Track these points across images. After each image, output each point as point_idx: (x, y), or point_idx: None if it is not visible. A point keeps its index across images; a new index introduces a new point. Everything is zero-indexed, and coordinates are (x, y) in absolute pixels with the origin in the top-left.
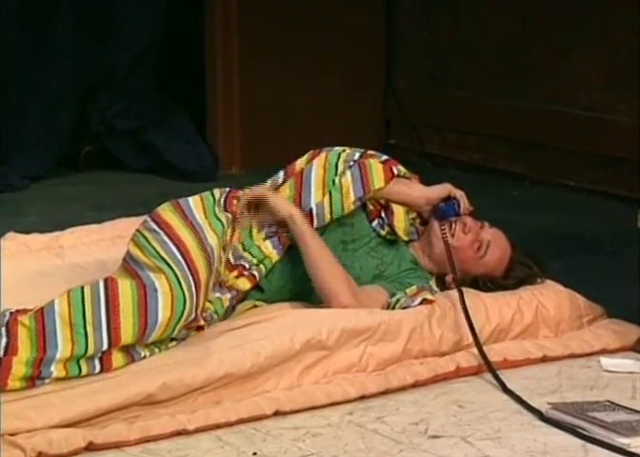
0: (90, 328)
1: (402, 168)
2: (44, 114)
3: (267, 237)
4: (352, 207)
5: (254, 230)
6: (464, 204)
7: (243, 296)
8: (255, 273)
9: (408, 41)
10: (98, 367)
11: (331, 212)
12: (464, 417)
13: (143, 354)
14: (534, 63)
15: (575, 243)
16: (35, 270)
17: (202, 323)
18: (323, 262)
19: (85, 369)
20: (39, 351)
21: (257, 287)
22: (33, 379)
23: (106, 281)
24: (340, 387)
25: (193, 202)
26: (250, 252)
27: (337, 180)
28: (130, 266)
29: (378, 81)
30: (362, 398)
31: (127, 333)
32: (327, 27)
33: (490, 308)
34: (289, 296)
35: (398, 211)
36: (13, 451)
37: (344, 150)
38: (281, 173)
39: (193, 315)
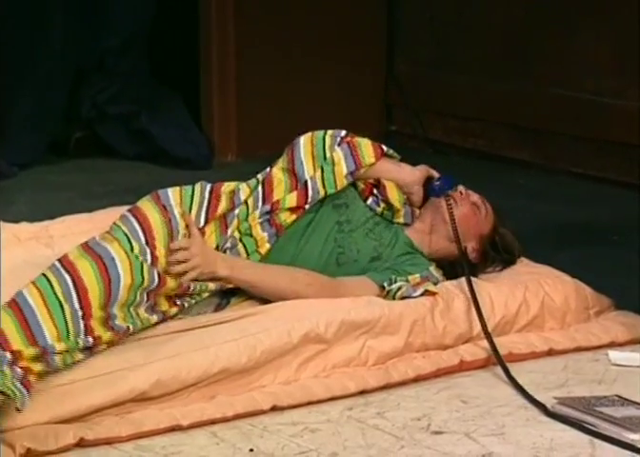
0: (66, 307)
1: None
2: (33, 100)
3: (262, 227)
4: (345, 181)
5: (251, 217)
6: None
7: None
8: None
9: (409, 24)
10: (90, 340)
11: (324, 187)
12: (467, 412)
13: (125, 326)
14: (540, 46)
15: (582, 232)
16: (24, 261)
17: (174, 286)
18: (280, 285)
19: (81, 343)
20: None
21: None
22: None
23: (63, 265)
24: (339, 381)
25: (172, 193)
26: (243, 243)
27: (328, 154)
28: (87, 245)
29: (379, 65)
30: (362, 393)
31: (94, 294)
32: (326, 10)
33: (496, 300)
34: None
35: (390, 185)
36: (1, 448)
37: (330, 131)
38: (267, 169)
39: (156, 282)
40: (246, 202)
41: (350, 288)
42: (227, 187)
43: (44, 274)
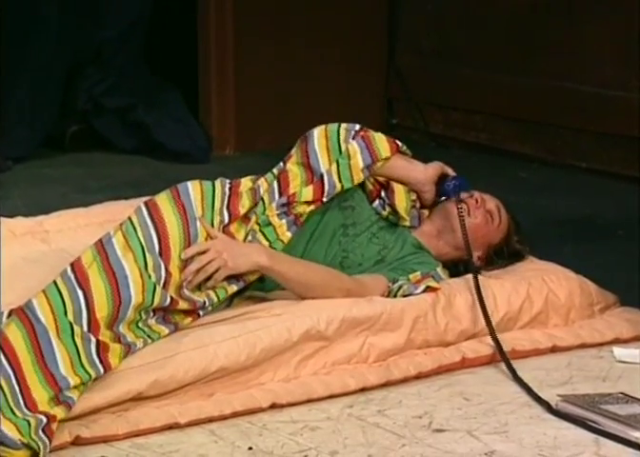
0: (76, 329)
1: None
2: (28, 92)
3: (280, 217)
4: (361, 175)
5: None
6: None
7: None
8: None
9: (411, 14)
10: (101, 368)
11: (340, 181)
12: (470, 410)
13: (138, 346)
14: (543, 38)
15: (586, 227)
16: (20, 257)
17: (187, 307)
18: (313, 282)
19: (93, 373)
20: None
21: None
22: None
23: (77, 276)
24: (339, 378)
25: (193, 189)
26: (263, 233)
27: (343, 148)
28: (102, 250)
29: (380, 57)
30: (362, 390)
31: (102, 314)
32: (325, 1)
33: (499, 296)
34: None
35: (399, 190)
36: None
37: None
38: (281, 164)
39: (167, 302)
40: (262, 198)
41: (370, 290)
42: (245, 185)
43: (56, 285)
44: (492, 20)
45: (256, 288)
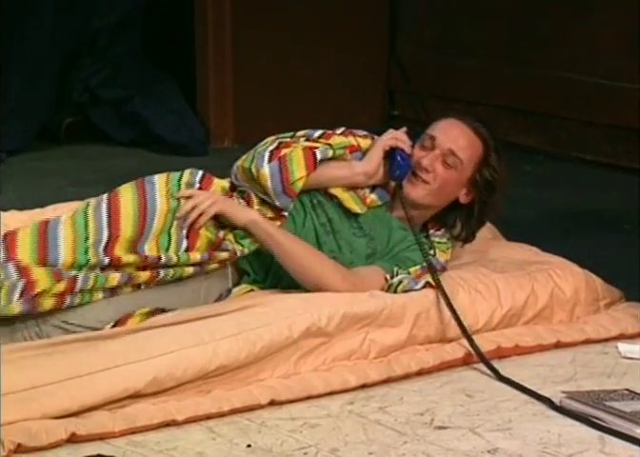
0: (91, 234)
1: (335, 143)
2: (22, 84)
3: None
4: (280, 201)
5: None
6: (404, 143)
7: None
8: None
9: (413, 4)
10: (107, 260)
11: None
12: (472, 407)
13: (156, 255)
14: (549, 27)
15: (592, 221)
16: None
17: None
18: (301, 255)
19: (93, 257)
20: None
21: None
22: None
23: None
24: (340, 374)
25: (159, 177)
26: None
27: (255, 174)
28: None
29: (381, 48)
30: (363, 387)
31: (126, 228)
32: None
33: (503, 291)
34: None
35: (338, 193)
36: None
37: (264, 144)
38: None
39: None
40: None
41: (367, 278)
42: (219, 182)
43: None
44: (495, 10)
45: (257, 285)
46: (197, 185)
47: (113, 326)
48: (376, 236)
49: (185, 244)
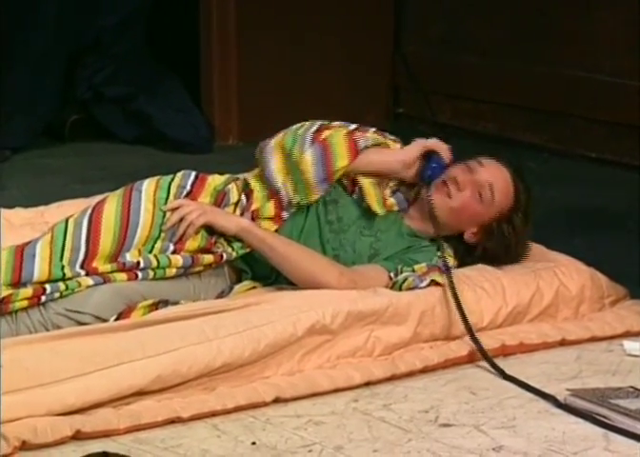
0: (67, 253)
1: (370, 136)
2: (26, 81)
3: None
4: (316, 191)
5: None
6: (445, 153)
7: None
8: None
9: (418, 2)
10: (83, 272)
11: (296, 197)
12: (477, 404)
13: (135, 261)
14: (554, 25)
15: (597, 219)
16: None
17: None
18: (296, 257)
19: (69, 272)
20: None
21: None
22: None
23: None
24: (344, 372)
25: (148, 184)
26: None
27: (298, 158)
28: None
29: (386, 45)
30: (368, 384)
31: (105, 244)
32: None
33: (508, 289)
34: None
35: (365, 186)
36: None
37: (302, 126)
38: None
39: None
40: (234, 204)
41: (369, 276)
42: (213, 181)
43: None
44: (500, 8)
45: (260, 283)
46: (188, 188)
47: (117, 318)
48: (383, 239)
49: (171, 248)
